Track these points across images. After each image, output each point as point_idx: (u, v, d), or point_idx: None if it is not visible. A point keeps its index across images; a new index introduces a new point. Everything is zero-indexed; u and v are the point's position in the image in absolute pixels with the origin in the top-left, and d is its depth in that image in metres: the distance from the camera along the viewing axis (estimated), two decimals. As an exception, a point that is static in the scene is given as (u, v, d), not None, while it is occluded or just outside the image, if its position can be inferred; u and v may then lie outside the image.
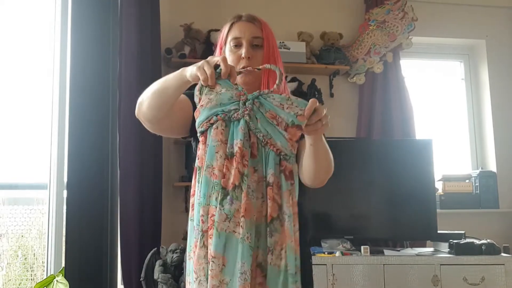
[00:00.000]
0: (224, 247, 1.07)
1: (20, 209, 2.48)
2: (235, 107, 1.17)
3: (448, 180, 3.38)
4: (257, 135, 1.15)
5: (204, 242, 1.09)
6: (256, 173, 1.12)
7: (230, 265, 1.07)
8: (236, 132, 1.14)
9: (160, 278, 2.49)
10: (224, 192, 1.10)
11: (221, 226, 1.07)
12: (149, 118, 1.36)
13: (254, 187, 1.11)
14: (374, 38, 3.35)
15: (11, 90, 2.54)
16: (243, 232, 1.07)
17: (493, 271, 2.67)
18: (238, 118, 1.15)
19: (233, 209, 1.08)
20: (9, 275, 2.40)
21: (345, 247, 2.78)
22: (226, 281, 1.06)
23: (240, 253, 1.06)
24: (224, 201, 1.09)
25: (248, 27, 1.41)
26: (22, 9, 2.67)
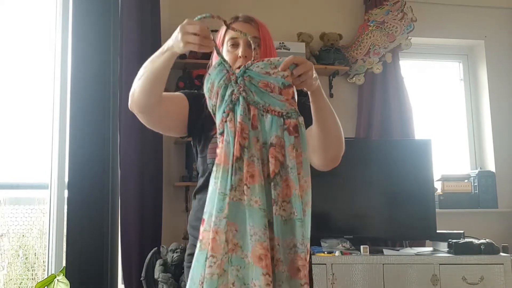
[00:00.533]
0: (235, 215, 1.11)
1: (21, 208, 2.48)
2: (231, 90, 1.19)
3: (447, 180, 3.39)
4: (257, 106, 1.18)
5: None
6: (259, 142, 1.16)
7: (241, 230, 1.10)
8: (236, 110, 1.17)
9: (160, 278, 2.50)
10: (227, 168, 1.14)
11: (231, 196, 1.11)
12: (141, 107, 1.37)
13: (258, 155, 1.14)
14: (374, 39, 3.36)
15: (12, 90, 2.55)
16: (248, 198, 1.10)
17: (492, 271, 2.67)
18: (237, 98, 1.18)
19: (237, 179, 1.12)
20: (10, 275, 2.40)
21: (345, 246, 2.79)
22: (240, 244, 1.10)
23: (248, 217, 1.10)
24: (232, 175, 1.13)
25: (245, 28, 1.42)
26: (23, 9, 2.68)
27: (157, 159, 2.82)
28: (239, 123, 1.15)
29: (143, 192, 2.72)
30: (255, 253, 1.07)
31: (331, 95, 3.40)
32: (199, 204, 1.45)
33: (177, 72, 3.10)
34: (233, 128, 1.15)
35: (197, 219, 1.43)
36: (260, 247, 1.07)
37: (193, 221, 1.46)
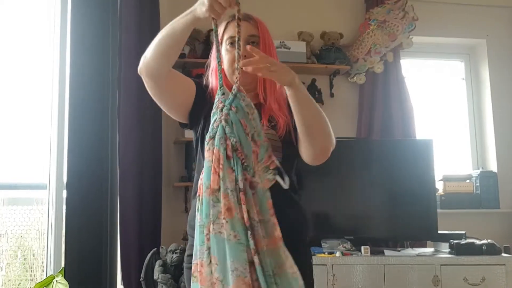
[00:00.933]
0: (216, 249, 1.11)
1: (20, 209, 2.47)
2: (215, 117, 1.20)
3: (448, 180, 3.37)
4: (231, 139, 1.16)
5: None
6: (233, 173, 1.14)
7: (221, 264, 1.10)
8: (216, 138, 1.17)
9: (160, 279, 2.49)
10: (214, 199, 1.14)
11: (210, 229, 1.12)
12: (151, 70, 1.35)
13: (233, 187, 1.13)
14: (375, 38, 3.34)
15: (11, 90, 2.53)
16: (227, 232, 1.09)
17: (493, 271, 2.66)
18: (217, 126, 1.18)
19: (216, 212, 1.11)
20: (9, 276, 2.39)
21: (345, 247, 2.77)
22: (220, 279, 1.09)
23: (228, 252, 1.09)
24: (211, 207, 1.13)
25: (244, 26, 1.39)
26: (22, 9, 2.66)
27: (156, 159, 2.81)
28: (216, 152, 1.14)
29: (142, 192, 2.71)
30: (237, 287, 1.07)
31: (332, 95, 3.38)
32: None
33: (177, 71, 3.08)
34: (210, 157, 1.15)
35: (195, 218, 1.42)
36: (241, 282, 1.07)
37: (192, 221, 1.44)
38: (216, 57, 1.30)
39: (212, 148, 1.16)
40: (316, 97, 3.23)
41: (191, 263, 1.39)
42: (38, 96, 2.63)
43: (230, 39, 1.41)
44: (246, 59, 1.23)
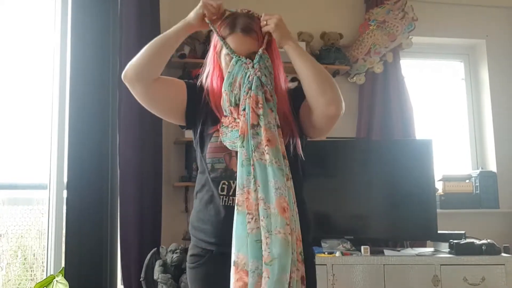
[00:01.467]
0: (259, 173, 1.25)
1: (20, 209, 2.47)
2: (248, 74, 1.34)
3: (448, 180, 3.38)
4: (268, 87, 1.34)
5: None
6: (273, 113, 1.33)
7: (263, 185, 1.24)
8: (253, 86, 1.33)
9: (160, 278, 2.49)
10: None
11: (253, 157, 1.27)
12: (143, 72, 1.39)
13: (274, 122, 1.31)
14: (374, 38, 3.34)
15: (11, 90, 2.54)
16: (269, 158, 1.25)
17: (493, 271, 2.66)
18: (252, 78, 1.33)
19: (256, 143, 1.28)
20: (9, 275, 2.39)
21: (345, 247, 2.77)
22: (263, 197, 1.23)
23: (272, 174, 1.24)
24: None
25: (245, 42, 1.37)
26: (22, 9, 2.67)
27: (157, 159, 2.81)
28: (253, 96, 1.30)
29: (142, 192, 2.71)
30: (280, 205, 1.22)
31: (332, 95, 3.38)
32: (200, 203, 1.43)
33: (177, 71, 3.09)
34: (251, 102, 1.31)
35: (199, 219, 1.42)
36: (283, 200, 1.22)
37: (195, 222, 1.44)
38: (224, 47, 1.38)
39: (249, 94, 1.31)
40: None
41: (194, 263, 1.40)
42: (38, 96, 2.64)
43: (230, 56, 1.37)
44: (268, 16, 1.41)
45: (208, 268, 1.38)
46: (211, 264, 1.38)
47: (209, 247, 1.38)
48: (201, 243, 1.40)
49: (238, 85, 1.34)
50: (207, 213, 1.39)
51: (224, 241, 1.32)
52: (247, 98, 1.31)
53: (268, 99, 1.33)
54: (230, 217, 1.30)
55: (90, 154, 2.62)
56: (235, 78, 1.34)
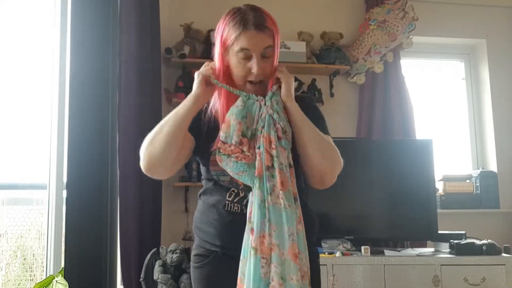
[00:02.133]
0: (274, 218, 1.25)
1: (19, 209, 2.47)
2: (261, 111, 1.34)
3: (448, 180, 3.37)
4: (280, 123, 1.33)
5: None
6: (285, 151, 1.31)
7: (278, 230, 1.24)
8: (266, 125, 1.32)
9: (159, 279, 2.49)
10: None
11: (268, 200, 1.26)
12: (162, 164, 1.34)
13: (286, 163, 1.30)
14: (375, 38, 3.34)
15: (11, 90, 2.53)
16: (283, 202, 1.25)
17: (494, 272, 2.66)
18: (265, 116, 1.32)
19: (271, 185, 1.27)
20: (8, 276, 2.39)
21: (345, 247, 2.77)
22: (277, 243, 1.23)
23: (285, 220, 1.24)
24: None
25: (259, 38, 1.34)
26: (22, 9, 2.66)
27: (157, 159, 2.80)
28: (266, 136, 1.30)
29: (142, 192, 2.70)
30: (293, 251, 1.22)
31: (332, 95, 3.38)
32: (204, 206, 1.43)
33: (177, 71, 3.09)
34: (265, 141, 1.30)
35: (202, 221, 1.42)
36: (295, 246, 1.23)
37: (199, 223, 1.44)
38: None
39: (263, 133, 1.30)
40: (316, 97, 3.23)
41: (199, 263, 1.40)
42: (38, 96, 2.63)
43: (242, 52, 1.33)
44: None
45: (212, 268, 1.38)
46: (215, 264, 1.38)
47: (213, 248, 1.38)
48: (205, 244, 1.40)
49: (254, 121, 1.33)
50: (210, 216, 1.39)
51: (229, 243, 1.34)
52: (261, 137, 1.30)
53: (280, 137, 1.31)
54: (233, 222, 1.33)
55: (89, 154, 2.61)
56: (250, 112, 1.33)
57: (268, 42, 1.35)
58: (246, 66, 1.34)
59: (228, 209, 1.35)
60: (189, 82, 2.98)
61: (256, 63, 1.33)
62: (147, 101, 2.76)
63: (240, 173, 1.30)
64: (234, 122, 1.31)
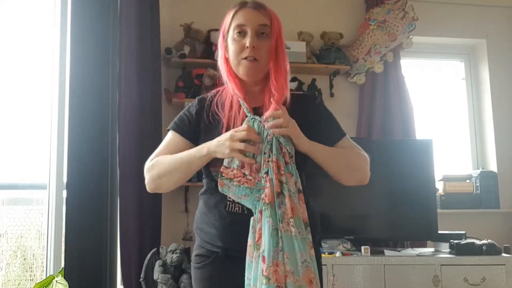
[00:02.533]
0: (287, 245, 1.23)
1: (19, 209, 2.47)
2: (266, 133, 1.29)
3: (448, 180, 3.37)
4: (287, 148, 1.29)
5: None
6: (293, 177, 1.28)
7: (291, 257, 1.22)
8: (273, 150, 1.28)
9: (159, 279, 2.49)
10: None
11: (280, 228, 1.24)
12: (168, 189, 1.44)
13: (294, 189, 1.27)
14: (375, 38, 3.34)
15: (11, 90, 2.53)
16: (294, 230, 1.23)
17: (494, 272, 2.66)
18: (271, 138, 1.29)
19: (281, 212, 1.24)
20: (8, 276, 2.39)
21: (346, 247, 2.77)
22: (292, 271, 1.21)
23: (297, 247, 1.23)
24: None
25: (255, 14, 1.34)
26: (22, 9, 2.66)
27: (157, 159, 2.80)
28: (275, 161, 1.26)
29: (142, 192, 2.69)
30: (306, 277, 1.22)
31: (332, 95, 3.38)
32: (205, 206, 1.42)
33: (177, 71, 3.09)
34: (273, 167, 1.27)
35: (203, 221, 1.42)
36: (310, 272, 1.22)
37: (199, 223, 1.44)
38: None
39: (271, 158, 1.27)
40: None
41: (200, 263, 1.39)
42: (38, 96, 2.63)
43: (238, 28, 1.34)
44: (273, 123, 1.28)
45: (214, 269, 1.37)
46: (216, 265, 1.37)
47: (214, 249, 1.37)
48: (206, 245, 1.39)
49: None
50: (211, 217, 1.38)
51: (230, 244, 1.33)
52: (270, 161, 1.27)
53: (287, 162, 1.28)
54: (235, 222, 1.32)
55: (89, 154, 2.61)
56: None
57: (264, 20, 1.35)
58: (241, 42, 1.34)
59: (229, 209, 1.35)
60: (189, 82, 3.00)
61: (250, 36, 1.33)
62: (147, 101, 2.76)
63: (242, 197, 1.30)
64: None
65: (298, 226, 1.24)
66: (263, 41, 1.34)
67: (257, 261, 1.23)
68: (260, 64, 1.35)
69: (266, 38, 1.35)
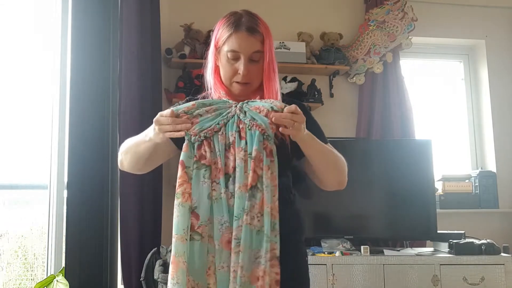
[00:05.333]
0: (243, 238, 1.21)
1: (20, 209, 2.48)
2: (228, 111, 1.30)
3: (447, 180, 3.38)
4: (244, 121, 1.27)
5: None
6: (243, 151, 1.25)
7: (245, 251, 1.19)
8: (231, 126, 1.28)
9: (160, 278, 2.49)
10: (228, 176, 1.25)
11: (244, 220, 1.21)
12: (133, 171, 1.49)
13: (270, 184, 1.22)
14: (374, 38, 3.35)
15: (12, 90, 2.54)
16: (259, 225, 1.20)
17: (493, 271, 2.67)
18: (231, 116, 1.28)
19: (250, 205, 1.21)
20: (9, 275, 2.40)
21: (345, 247, 2.78)
22: (242, 265, 1.18)
23: (255, 243, 1.20)
24: (229, 183, 1.25)
25: (249, 42, 1.35)
26: (23, 9, 2.67)
27: (157, 159, 2.81)
28: (257, 154, 1.23)
29: (143, 192, 2.71)
30: (254, 275, 1.18)
31: (331, 95, 3.39)
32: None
33: (177, 71, 3.09)
34: (223, 141, 1.26)
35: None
36: (260, 269, 1.18)
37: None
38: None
39: (224, 133, 1.27)
40: (315, 97, 3.23)
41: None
42: (39, 96, 2.64)
43: (232, 53, 1.36)
44: (278, 114, 1.24)
45: None
46: None
47: None
48: None
49: (213, 111, 1.30)
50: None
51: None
52: (219, 134, 1.27)
53: (269, 155, 1.25)
54: None
55: (90, 154, 2.62)
56: (215, 108, 1.30)
57: (257, 46, 1.36)
58: (234, 66, 1.36)
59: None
60: (189, 82, 3.01)
61: (244, 64, 1.35)
62: (147, 101, 2.76)
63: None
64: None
65: (265, 223, 1.20)
66: (256, 64, 1.37)
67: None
68: (252, 86, 1.40)
69: (259, 61, 1.38)
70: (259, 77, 1.39)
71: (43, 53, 2.66)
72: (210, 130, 1.27)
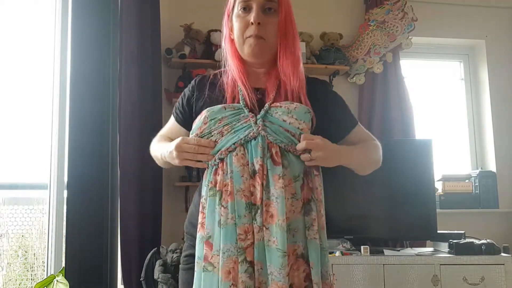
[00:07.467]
0: (259, 254, 1.15)
1: (21, 209, 2.47)
2: (248, 130, 1.19)
3: (447, 180, 3.38)
4: (279, 145, 1.19)
5: (246, 257, 1.14)
6: (283, 178, 1.16)
7: (264, 268, 1.15)
8: (255, 150, 1.17)
9: (160, 278, 2.49)
10: (255, 207, 1.16)
11: (257, 237, 1.15)
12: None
13: (278, 193, 1.15)
14: (374, 38, 3.35)
15: (12, 90, 2.54)
16: (271, 238, 1.15)
17: (493, 271, 2.67)
18: (254, 136, 1.18)
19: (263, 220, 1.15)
20: (9, 275, 2.40)
21: (345, 247, 2.78)
22: (265, 281, 1.14)
23: (268, 257, 1.15)
24: (257, 215, 1.16)
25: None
26: (23, 9, 2.67)
27: (157, 159, 2.81)
28: (260, 166, 1.15)
29: (143, 192, 2.71)
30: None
31: (332, 95, 3.38)
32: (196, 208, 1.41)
33: (177, 71, 3.09)
34: (240, 166, 1.16)
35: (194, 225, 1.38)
36: (276, 286, 1.13)
37: (194, 218, 1.41)
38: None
39: (242, 155, 1.18)
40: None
41: (189, 264, 1.37)
42: (39, 96, 2.64)
43: (243, 3, 1.24)
44: (307, 140, 1.19)
45: None
46: None
47: None
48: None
49: (226, 125, 1.21)
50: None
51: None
52: (235, 154, 1.18)
53: (277, 162, 1.16)
54: None
55: (90, 154, 2.62)
56: (224, 118, 1.21)
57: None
58: (246, 19, 1.24)
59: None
60: (189, 83, 3.00)
61: (256, 11, 1.22)
62: (147, 101, 2.76)
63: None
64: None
65: (275, 234, 1.13)
66: (270, 18, 1.24)
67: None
68: (267, 43, 1.25)
69: (274, 14, 1.24)
70: (274, 34, 1.24)
71: (43, 53, 2.67)
72: (224, 151, 1.18)
